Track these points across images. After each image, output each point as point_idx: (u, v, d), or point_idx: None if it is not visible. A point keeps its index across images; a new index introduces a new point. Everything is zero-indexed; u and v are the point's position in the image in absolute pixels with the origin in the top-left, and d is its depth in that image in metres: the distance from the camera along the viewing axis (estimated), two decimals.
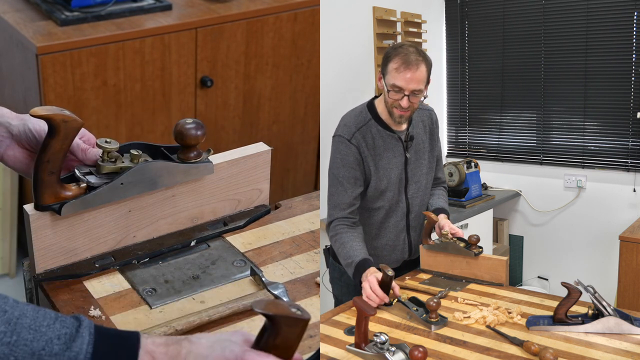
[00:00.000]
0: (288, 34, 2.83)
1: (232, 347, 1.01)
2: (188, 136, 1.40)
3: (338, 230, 2.00)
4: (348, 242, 1.97)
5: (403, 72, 1.90)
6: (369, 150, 2.02)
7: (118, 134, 2.62)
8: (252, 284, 1.39)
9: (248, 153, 1.56)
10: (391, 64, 1.93)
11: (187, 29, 2.60)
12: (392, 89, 1.93)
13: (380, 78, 2.01)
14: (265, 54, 2.82)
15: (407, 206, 2.12)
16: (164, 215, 1.49)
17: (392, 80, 1.93)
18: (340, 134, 2.03)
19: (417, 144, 2.12)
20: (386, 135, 2.05)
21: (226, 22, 2.66)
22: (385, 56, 1.98)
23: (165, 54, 2.58)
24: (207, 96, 2.77)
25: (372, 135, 2.03)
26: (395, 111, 1.98)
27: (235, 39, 2.71)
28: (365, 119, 2.05)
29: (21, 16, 2.51)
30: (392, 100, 1.95)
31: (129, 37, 2.49)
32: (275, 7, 2.75)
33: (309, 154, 3.20)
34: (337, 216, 2.01)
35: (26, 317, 0.95)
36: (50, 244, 1.36)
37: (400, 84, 1.91)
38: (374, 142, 2.03)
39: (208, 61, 2.70)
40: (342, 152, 2.02)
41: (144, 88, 2.60)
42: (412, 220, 2.15)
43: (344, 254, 1.97)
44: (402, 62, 1.90)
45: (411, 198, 2.12)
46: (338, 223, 2.01)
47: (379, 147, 2.04)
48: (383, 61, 1.99)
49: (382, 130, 2.05)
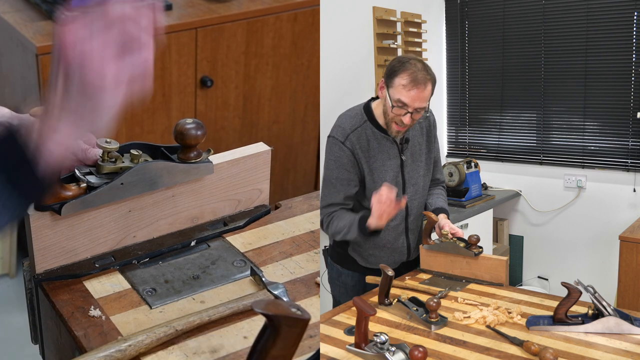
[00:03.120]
0: (288, 34, 2.83)
1: None
2: (188, 136, 1.40)
3: (332, 215, 2.03)
4: (342, 215, 2.01)
5: (410, 90, 1.88)
6: (363, 152, 2.02)
7: (118, 134, 2.62)
8: (252, 284, 1.39)
9: (248, 153, 1.56)
10: (398, 79, 1.90)
11: (187, 29, 2.60)
12: (396, 104, 1.92)
13: (383, 87, 1.98)
14: (265, 54, 2.82)
15: (405, 209, 2.12)
16: (164, 215, 1.49)
17: (397, 96, 1.91)
18: (333, 136, 2.03)
19: (413, 146, 2.12)
20: (381, 137, 2.04)
21: (226, 22, 2.66)
22: (392, 69, 1.94)
23: (165, 54, 2.58)
24: (207, 96, 2.77)
25: (367, 137, 2.03)
26: (394, 126, 1.97)
27: (235, 39, 2.71)
28: (361, 120, 2.04)
29: (21, 16, 2.51)
30: (394, 115, 1.94)
31: None
32: (275, 7, 2.75)
33: (309, 154, 3.20)
34: (329, 211, 2.04)
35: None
36: (50, 244, 1.36)
37: (406, 101, 1.90)
38: (369, 144, 2.03)
39: (208, 61, 2.70)
40: (335, 154, 2.02)
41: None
42: (410, 223, 2.15)
43: (341, 225, 1.99)
44: (410, 79, 1.88)
45: (409, 201, 2.11)
46: (330, 213, 2.04)
47: (373, 149, 2.03)
48: (389, 73, 1.95)
49: (377, 132, 2.04)
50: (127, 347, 1.17)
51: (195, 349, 1.22)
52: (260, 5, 2.72)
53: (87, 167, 1.38)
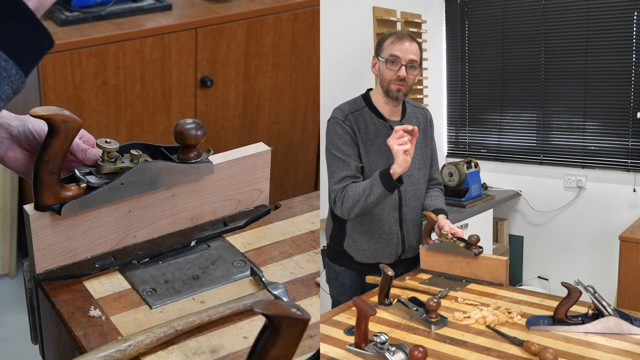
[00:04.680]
0: (288, 34, 2.83)
1: None
2: (188, 136, 1.40)
3: (343, 190, 2.00)
4: (356, 184, 2.00)
5: (399, 43, 2.03)
6: (361, 134, 2.07)
7: (118, 134, 2.62)
8: (252, 284, 1.39)
9: (248, 153, 1.56)
10: (385, 43, 2.06)
11: (187, 29, 2.60)
12: (389, 60, 2.02)
13: (375, 63, 2.09)
14: (265, 54, 2.82)
15: (399, 198, 2.13)
16: (164, 215, 1.49)
17: (388, 52, 2.03)
18: (334, 116, 2.10)
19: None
20: (379, 122, 2.10)
21: (226, 22, 2.66)
22: (379, 42, 2.09)
23: (165, 54, 2.58)
24: (207, 96, 2.77)
25: (365, 120, 2.09)
26: (393, 86, 2.05)
27: (235, 39, 2.71)
28: (359, 105, 2.12)
29: None
30: (390, 73, 2.03)
31: (129, 37, 2.49)
32: (275, 7, 2.75)
33: (309, 154, 3.20)
34: (342, 186, 2.02)
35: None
36: (50, 244, 1.36)
37: (397, 54, 2.02)
38: (367, 128, 2.08)
39: (208, 61, 2.70)
40: (338, 132, 2.06)
41: (144, 88, 2.60)
42: (404, 214, 2.15)
43: (360, 190, 1.96)
44: (396, 37, 2.05)
45: (403, 191, 2.13)
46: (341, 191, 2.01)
47: (370, 133, 2.08)
48: (377, 46, 2.09)
49: (375, 117, 2.10)
50: (127, 347, 1.17)
51: (195, 349, 1.22)
52: (260, 5, 2.72)
53: (87, 167, 1.38)
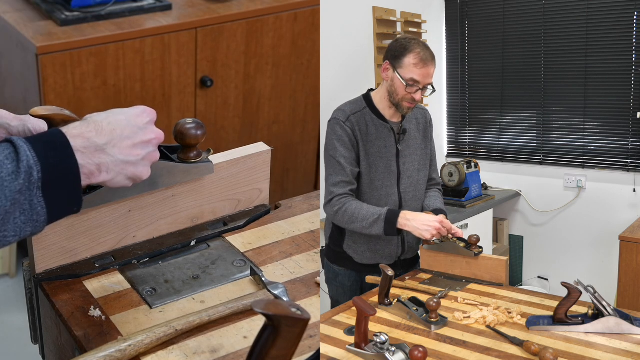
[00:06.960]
0: (288, 34, 2.83)
1: (143, 116, 1.22)
2: (188, 136, 1.40)
3: (343, 202, 2.02)
4: (362, 206, 2.02)
5: (422, 68, 2.01)
6: (362, 135, 2.07)
7: None
8: (252, 284, 1.39)
9: (248, 153, 1.56)
10: (408, 59, 2.01)
11: (187, 29, 2.60)
12: (409, 83, 2.01)
13: (388, 69, 2.06)
14: (265, 54, 2.82)
15: (399, 200, 2.13)
16: (164, 215, 1.49)
17: (410, 75, 2.01)
18: (335, 117, 2.09)
19: (410, 138, 2.15)
20: (380, 124, 2.09)
21: (226, 22, 2.66)
22: (398, 50, 2.04)
23: (165, 54, 2.58)
24: (207, 96, 2.77)
25: (366, 121, 2.08)
26: (406, 104, 2.06)
27: (235, 39, 2.71)
28: (361, 106, 2.11)
29: (21, 16, 2.51)
30: (406, 93, 2.03)
31: (129, 37, 2.49)
32: (275, 7, 2.75)
33: (309, 154, 3.20)
34: (338, 193, 2.03)
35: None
36: (50, 244, 1.36)
37: (418, 79, 2.01)
38: (367, 129, 2.08)
39: (208, 61, 2.70)
40: (337, 134, 2.05)
41: (144, 88, 2.60)
42: None
43: (362, 214, 2.00)
44: (419, 59, 2.01)
45: (404, 192, 2.13)
46: (340, 198, 2.03)
47: (371, 135, 2.08)
48: (395, 54, 2.04)
49: (376, 119, 2.10)
50: (127, 347, 1.17)
51: (195, 349, 1.22)
52: (260, 5, 2.72)
53: None
